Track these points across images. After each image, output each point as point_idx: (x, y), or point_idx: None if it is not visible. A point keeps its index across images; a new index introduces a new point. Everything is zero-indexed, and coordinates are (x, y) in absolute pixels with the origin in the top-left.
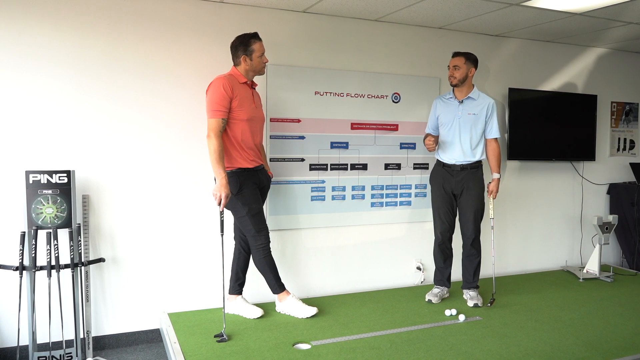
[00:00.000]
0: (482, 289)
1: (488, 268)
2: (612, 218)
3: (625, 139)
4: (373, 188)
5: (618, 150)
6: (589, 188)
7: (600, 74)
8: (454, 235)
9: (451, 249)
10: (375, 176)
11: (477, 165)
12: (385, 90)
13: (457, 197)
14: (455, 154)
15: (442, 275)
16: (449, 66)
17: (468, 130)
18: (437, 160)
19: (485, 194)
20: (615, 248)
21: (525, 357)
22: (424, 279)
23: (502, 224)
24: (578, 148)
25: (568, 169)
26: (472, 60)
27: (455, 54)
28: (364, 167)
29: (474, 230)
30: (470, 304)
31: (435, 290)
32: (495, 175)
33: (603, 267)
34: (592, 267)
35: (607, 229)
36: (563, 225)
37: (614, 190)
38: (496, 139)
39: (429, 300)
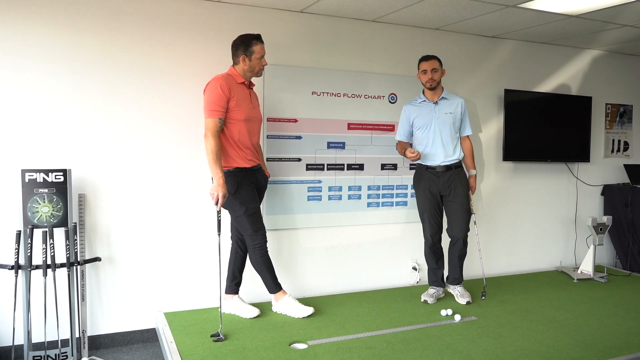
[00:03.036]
0: (473, 285)
1: (476, 264)
2: (606, 219)
3: (619, 141)
4: (369, 188)
5: (612, 151)
6: (584, 189)
7: (595, 76)
8: (442, 235)
9: (442, 249)
10: (372, 176)
11: (460, 165)
12: (381, 91)
13: (444, 197)
14: (439, 155)
15: (436, 276)
16: (425, 70)
17: (447, 129)
18: (419, 164)
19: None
20: (609, 249)
21: (520, 357)
22: (420, 279)
23: (498, 224)
24: (573, 149)
25: (563, 170)
26: (441, 61)
27: (428, 58)
28: (361, 167)
29: (464, 229)
30: (463, 301)
31: (431, 290)
32: (473, 172)
33: (597, 268)
34: (587, 267)
35: (601, 229)
36: (557, 226)
37: (608, 191)
38: (469, 136)
39: (425, 301)
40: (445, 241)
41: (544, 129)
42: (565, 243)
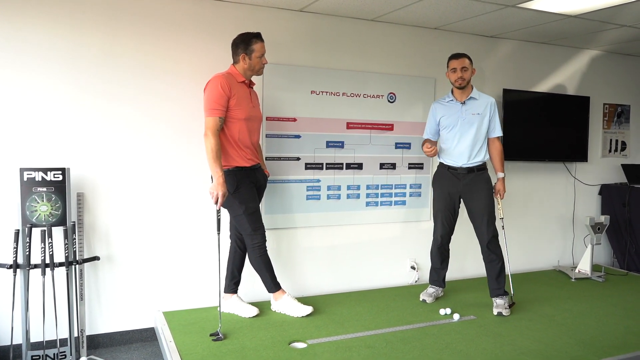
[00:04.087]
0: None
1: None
2: (603, 218)
3: (617, 140)
4: (368, 187)
5: (610, 151)
6: (581, 189)
7: (593, 76)
8: (452, 237)
9: (449, 250)
10: (371, 176)
11: (483, 167)
12: (380, 90)
13: (466, 200)
14: (462, 157)
15: (437, 276)
16: (455, 68)
17: (473, 131)
18: (441, 163)
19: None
20: (607, 248)
21: (519, 356)
22: (418, 278)
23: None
24: (571, 149)
25: (561, 169)
26: (471, 60)
27: (459, 56)
28: (359, 166)
29: (487, 233)
30: (495, 312)
31: (430, 290)
32: (500, 175)
33: (595, 267)
34: (584, 267)
35: (598, 229)
36: (555, 225)
37: (605, 191)
38: (498, 137)
39: (423, 300)
40: (454, 243)
41: (542, 129)
42: (563, 242)
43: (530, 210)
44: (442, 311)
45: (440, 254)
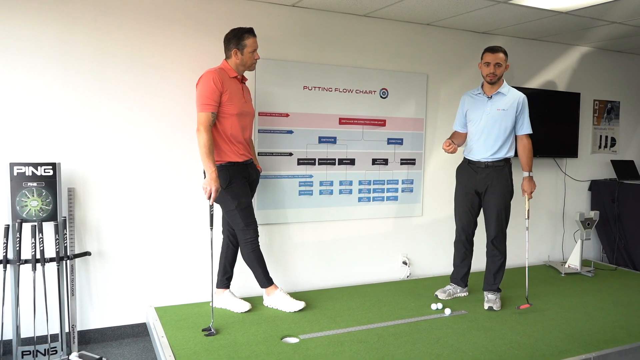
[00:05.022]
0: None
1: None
2: (593, 214)
3: (606, 137)
4: (360, 183)
5: (599, 147)
6: (571, 184)
7: (584, 72)
8: (475, 238)
9: (470, 249)
10: (363, 171)
11: (502, 164)
12: (373, 86)
13: (482, 195)
14: (481, 151)
15: (456, 274)
16: (488, 63)
17: (496, 127)
18: (464, 157)
19: (514, 193)
20: (596, 243)
21: (509, 350)
22: (410, 274)
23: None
24: (561, 145)
25: (551, 165)
26: (507, 55)
27: (495, 50)
28: (352, 162)
29: (495, 229)
30: (485, 306)
31: (447, 287)
32: (525, 174)
33: (584, 262)
34: (574, 262)
35: (588, 224)
36: (546, 220)
37: (595, 186)
38: (527, 135)
39: (436, 295)
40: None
41: (533, 125)
42: (553, 238)
43: (520, 205)
44: (433, 306)
45: (459, 249)
